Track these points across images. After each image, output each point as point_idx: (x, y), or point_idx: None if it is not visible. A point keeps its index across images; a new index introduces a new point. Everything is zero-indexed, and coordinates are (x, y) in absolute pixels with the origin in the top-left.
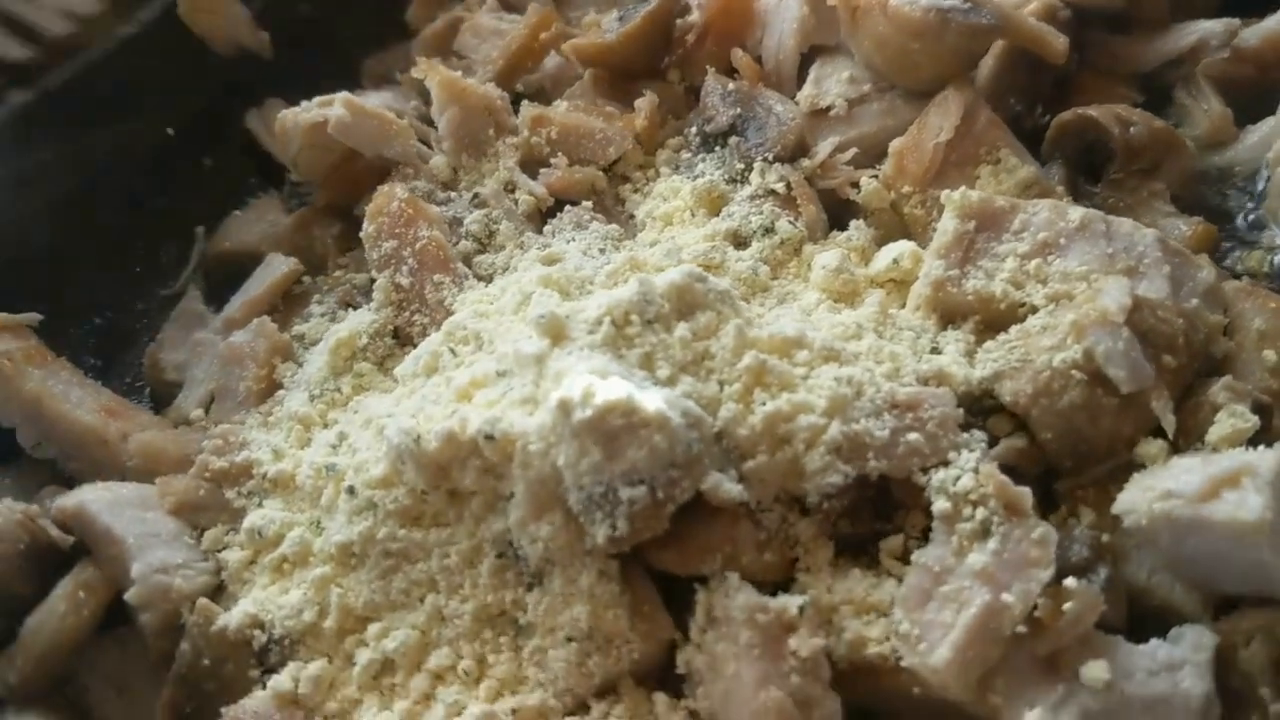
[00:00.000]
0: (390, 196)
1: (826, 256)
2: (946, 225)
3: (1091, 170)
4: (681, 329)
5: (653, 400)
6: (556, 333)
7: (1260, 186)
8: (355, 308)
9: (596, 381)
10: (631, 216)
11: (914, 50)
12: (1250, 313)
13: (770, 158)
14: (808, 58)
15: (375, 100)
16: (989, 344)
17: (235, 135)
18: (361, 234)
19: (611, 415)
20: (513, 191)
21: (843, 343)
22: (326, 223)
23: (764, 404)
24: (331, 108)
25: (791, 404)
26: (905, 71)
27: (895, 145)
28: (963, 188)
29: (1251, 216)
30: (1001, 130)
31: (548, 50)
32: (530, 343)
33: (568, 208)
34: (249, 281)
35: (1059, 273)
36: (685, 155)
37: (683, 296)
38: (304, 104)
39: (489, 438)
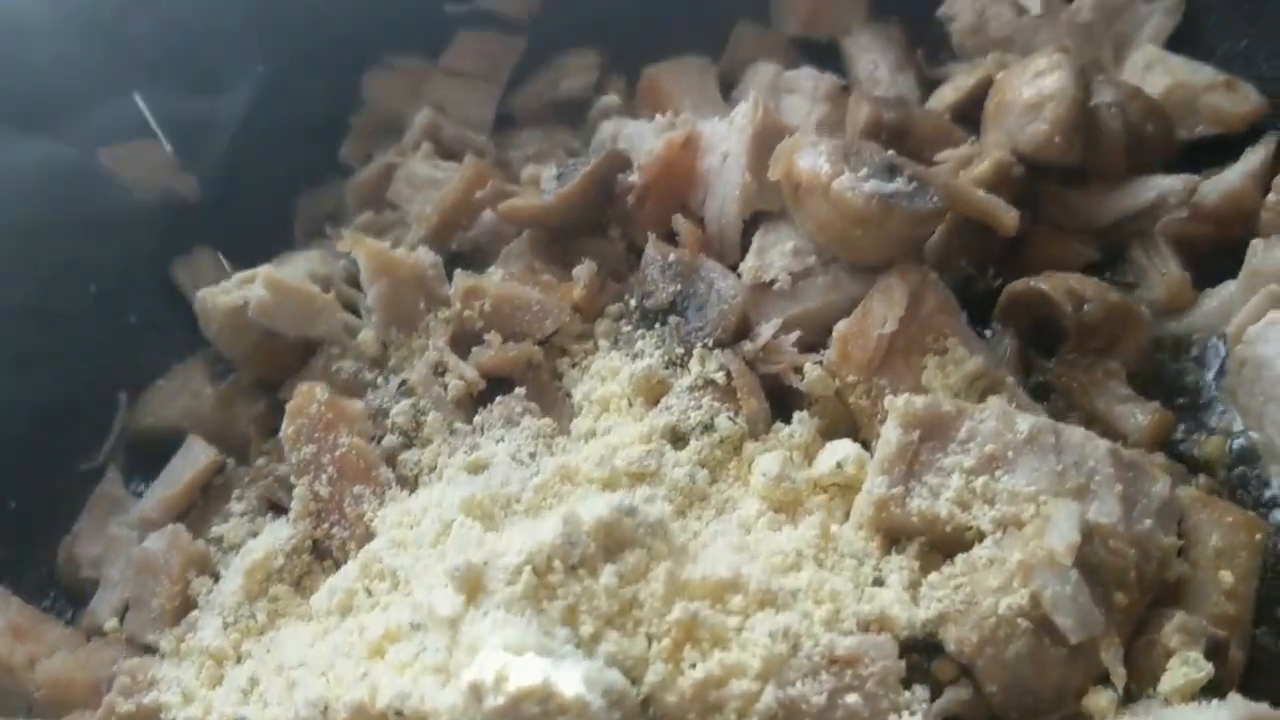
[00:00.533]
0: (310, 397)
1: (767, 462)
2: (890, 436)
3: (1043, 342)
4: (608, 574)
5: (571, 682)
6: (473, 586)
7: (1217, 361)
8: (276, 507)
9: (511, 661)
10: (569, 394)
11: (857, 235)
12: (1207, 527)
13: (710, 343)
14: (751, 222)
15: (302, 262)
16: (934, 577)
17: (161, 288)
18: (280, 435)
19: (526, 703)
20: (443, 374)
21: (781, 578)
22: (250, 400)
23: (694, 665)
24: (252, 287)
25: (724, 666)
26: (849, 251)
27: (840, 330)
28: (906, 395)
29: (1210, 394)
30: (949, 316)
31: (483, 208)
32: (445, 600)
33: (498, 399)
34: (167, 471)
35: (1006, 492)
36: (625, 328)
37: (611, 533)
38: (223, 284)
39: (399, 714)
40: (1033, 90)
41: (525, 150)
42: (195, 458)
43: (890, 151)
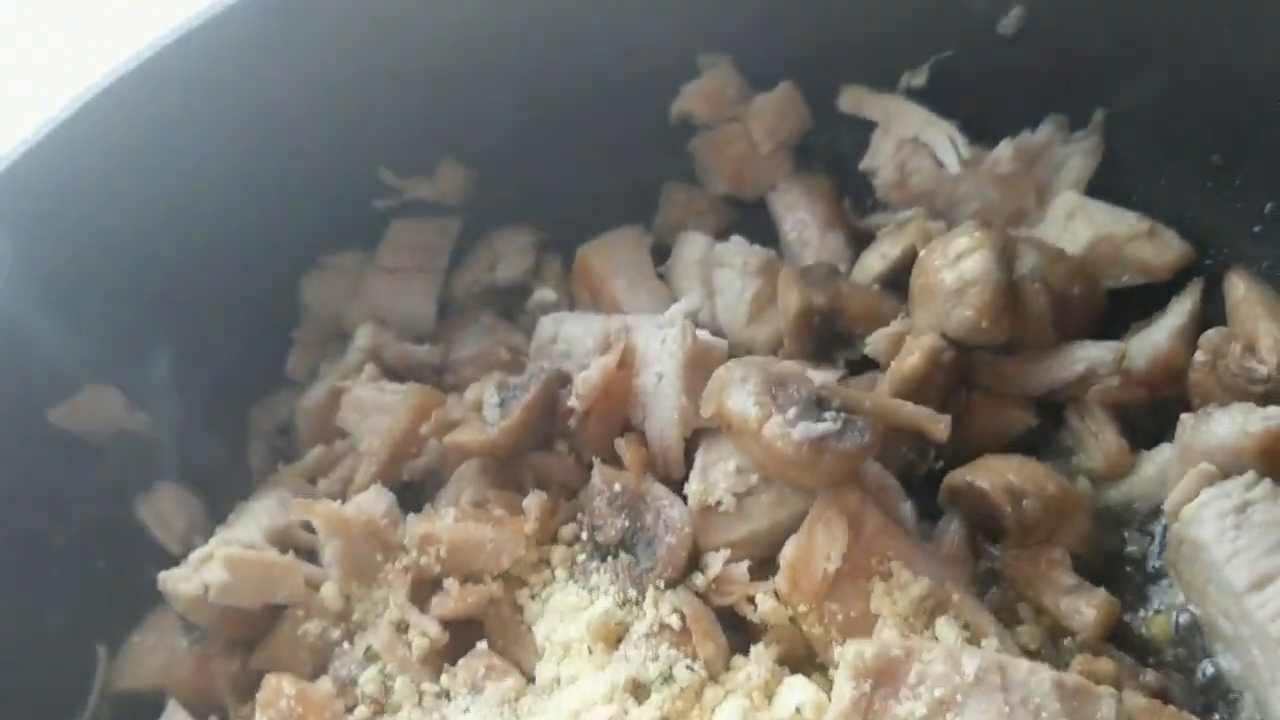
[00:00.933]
0: (279, 691)
1: (727, 715)
2: (843, 690)
3: (988, 524)
4: None
5: None
6: None
7: (1159, 529)
8: None
9: None
10: (530, 630)
11: (792, 475)
12: None
13: (662, 585)
14: (693, 438)
15: (261, 516)
16: None
17: (129, 531)
18: None
19: None
20: (406, 631)
21: None
22: (226, 658)
23: None
24: (210, 568)
25: None
26: (788, 483)
27: (787, 558)
28: (856, 647)
29: (1154, 564)
30: (890, 537)
31: (429, 440)
32: None
33: (462, 661)
34: None
35: None
36: (580, 557)
37: None
38: (182, 565)
39: None
40: (955, 275)
41: (468, 349)
42: None
43: (819, 379)
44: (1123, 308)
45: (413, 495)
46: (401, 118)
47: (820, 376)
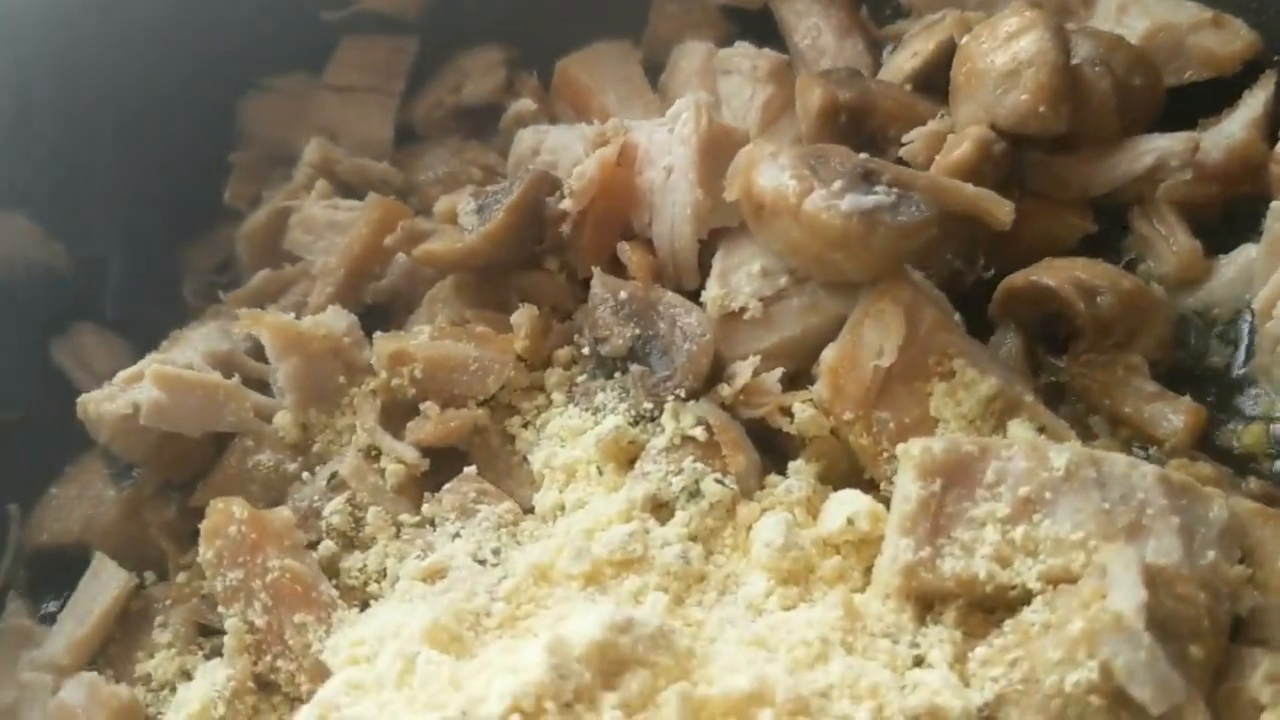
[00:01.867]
0: (226, 516)
1: (769, 529)
2: (908, 490)
3: (1050, 335)
4: (611, 707)
5: None
6: None
7: (1244, 335)
8: (208, 629)
9: None
10: (525, 460)
11: (837, 258)
12: (1272, 544)
13: (683, 394)
14: (708, 241)
15: (198, 341)
16: (982, 651)
17: (43, 375)
18: (199, 558)
19: None
20: (377, 459)
21: (809, 675)
22: (159, 504)
23: None
24: (140, 387)
25: None
26: (827, 273)
27: (828, 360)
28: (922, 442)
29: (1240, 372)
30: (950, 333)
31: (396, 253)
32: None
33: (448, 486)
34: (73, 602)
35: (1050, 540)
36: (580, 378)
37: (606, 656)
38: (106, 387)
39: None
40: (1007, 56)
41: (434, 171)
42: (104, 584)
43: (862, 155)
44: (1181, 110)
45: (377, 322)
46: None
47: None
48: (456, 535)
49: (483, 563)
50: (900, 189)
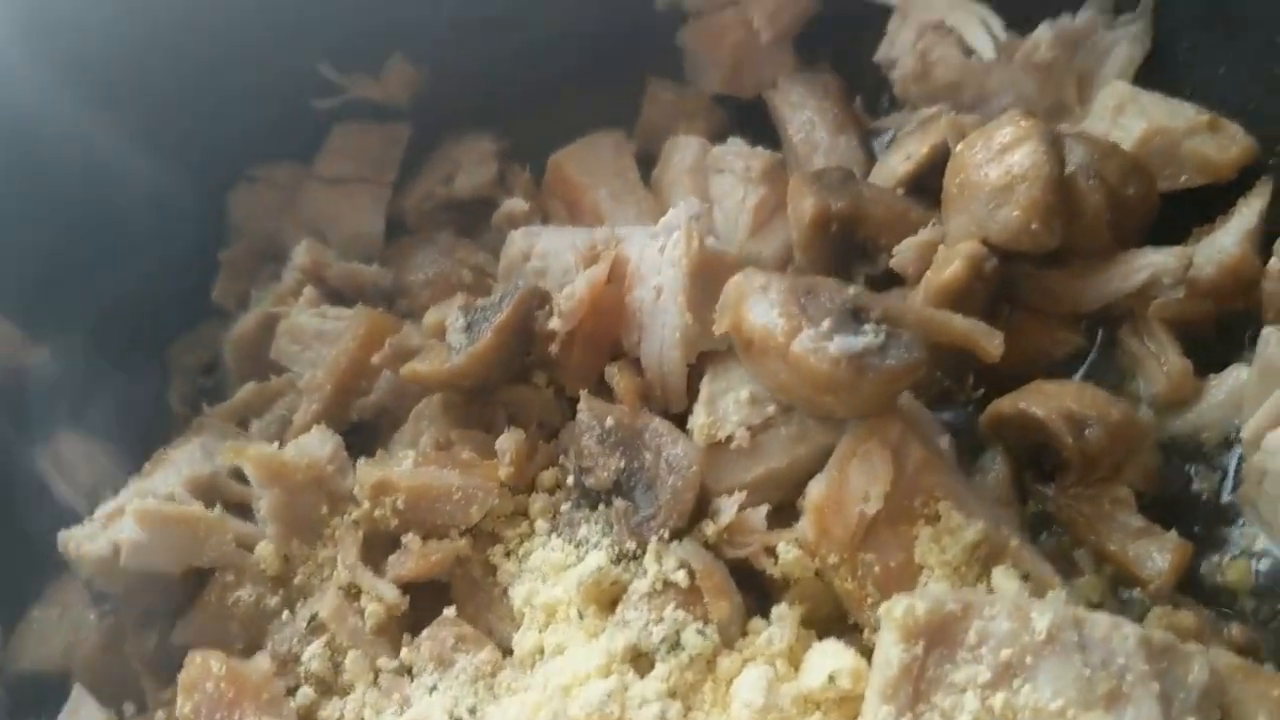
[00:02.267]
0: (205, 670)
1: (749, 687)
2: (890, 654)
3: (1038, 460)
4: None
5: None
6: None
7: (1232, 462)
8: None
9: None
10: (505, 591)
11: (826, 400)
12: (1251, 703)
13: (666, 534)
14: (697, 364)
15: (182, 465)
16: None
17: (26, 486)
18: (177, 712)
19: None
20: (357, 596)
21: None
22: (139, 635)
23: None
24: (121, 523)
25: None
26: (816, 410)
27: (814, 499)
28: (905, 603)
29: (1227, 499)
30: (938, 474)
31: (381, 373)
32: None
33: (426, 632)
34: None
35: (1029, 709)
36: (565, 506)
37: None
38: (86, 523)
39: None
40: (1000, 169)
41: (424, 271)
42: None
43: (852, 289)
44: (1174, 216)
45: (363, 439)
46: (345, 5)
47: None
48: (434, 688)
49: None
50: (890, 326)
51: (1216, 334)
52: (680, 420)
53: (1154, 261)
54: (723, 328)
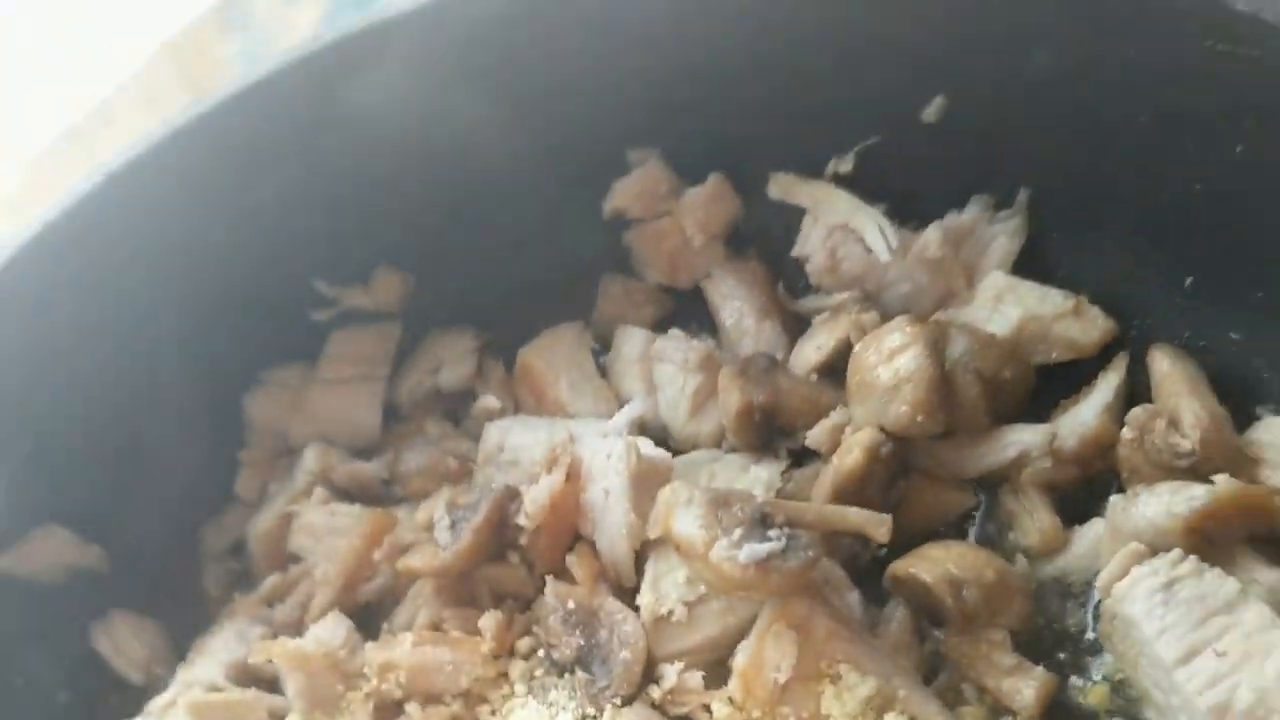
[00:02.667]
0: None
1: None
2: None
3: (932, 614)
4: None
5: None
6: None
7: (1093, 602)
8: None
9: None
10: None
11: (741, 595)
12: None
13: (619, 701)
14: (644, 549)
15: (219, 651)
16: None
17: (89, 660)
18: None
19: None
20: None
21: None
22: None
23: None
24: (174, 716)
25: None
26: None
27: (738, 665)
28: None
29: (1089, 636)
30: (840, 641)
31: (382, 564)
32: None
33: None
34: None
35: None
36: (538, 673)
37: None
38: (143, 715)
39: None
40: (889, 372)
41: (416, 461)
42: None
43: (760, 498)
44: (1057, 381)
45: (369, 615)
46: (333, 230)
47: (764, 471)
48: None
49: None
50: (791, 530)
51: (1085, 489)
52: (632, 594)
53: (1022, 438)
54: (656, 534)
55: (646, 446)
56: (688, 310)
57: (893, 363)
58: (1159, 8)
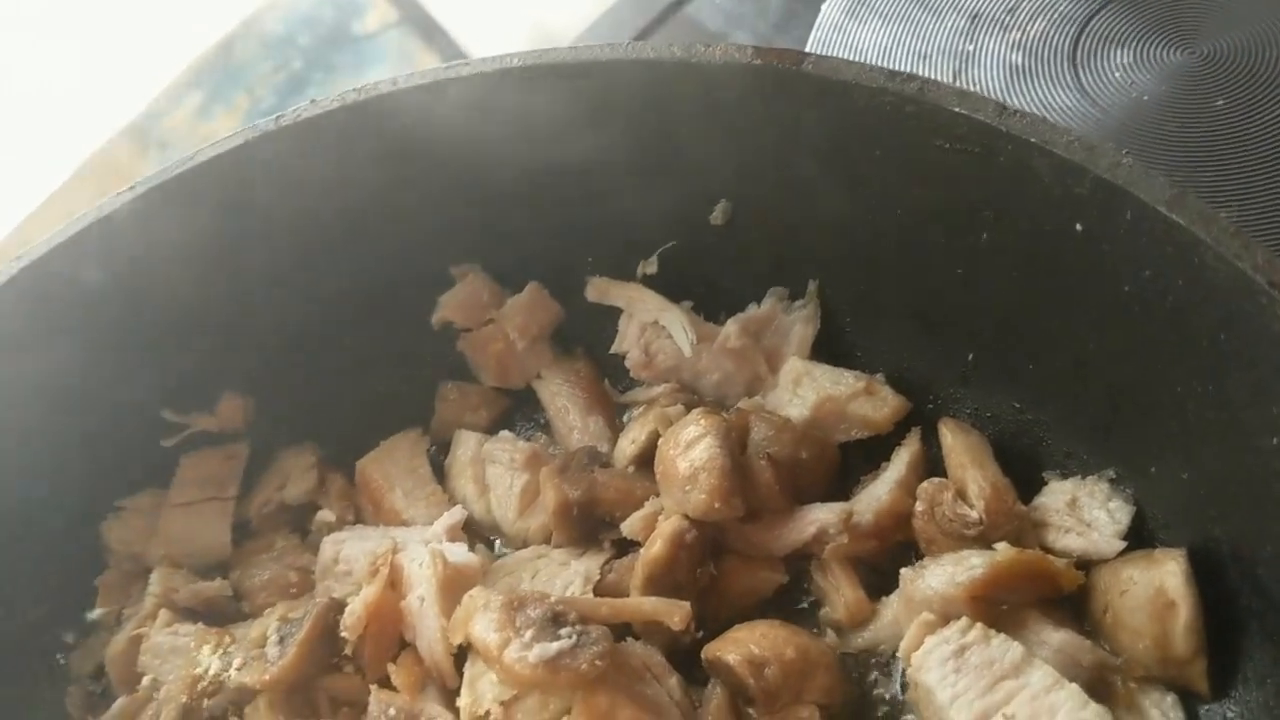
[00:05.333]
0: None
1: None
2: None
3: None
4: None
5: None
6: None
7: (900, 671)
8: None
9: None
10: None
11: (537, 692)
12: None
13: None
14: (464, 649)
15: None
16: None
17: None
18: None
19: None
20: None
21: None
22: None
23: None
24: None
25: None
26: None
27: None
28: None
29: (901, 700)
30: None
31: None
32: None
33: None
34: None
35: None
36: None
37: None
38: None
39: None
40: (687, 463)
41: (260, 577)
42: None
43: (552, 599)
44: (862, 452)
45: None
46: (176, 361)
47: (584, 565)
48: None
49: None
50: (583, 626)
51: (889, 559)
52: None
53: (820, 517)
54: (458, 640)
55: (457, 552)
56: (523, 408)
57: (689, 453)
58: (889, 113)
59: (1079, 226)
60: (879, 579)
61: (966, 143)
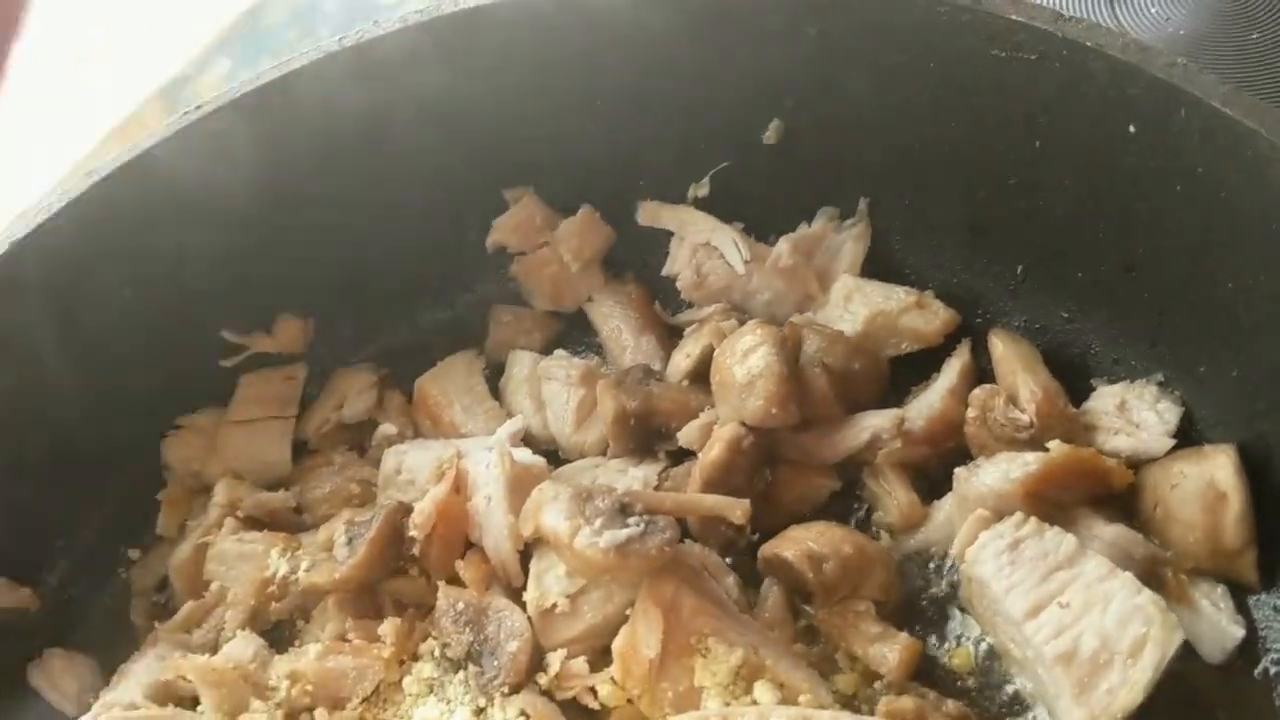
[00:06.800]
0: None
1: None
2: None
3: (801, 590)
4: None
5: None
6: None
7: (948, 569)
8: None
9: None
10: None
11: (606, 578)
12: None
13: (508, 690)
14: (526, 550)
15: (141, 674)
16: None
17: (25, 698)
18: None
19: None
20: None
21: None
22: None
23: None
24: None
25: None
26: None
27: (617, 647)
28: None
29: (953, 603)
30: (706, 616)
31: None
32: None
33: None
34: None
35: None
36: (436, 673)
37: None
38: None
39: None
40: (744, 370)
41: (322, 489)
42: None
43: (619, 490)
44: (915, 370)
45: (283, 632)
46: (236, 283)
47: (643, 472)
48: None
49: None
50: (649, 516)
51: (940, 466)
52: (522, 592)
53: (873, 423)
54: (528, 532)
55: (521, 454)
56: (574, 332)
57: (746, 362)
58: (944, 23)
59: (1133, 128)
60: (930, 485)
61: (1023, 50)
